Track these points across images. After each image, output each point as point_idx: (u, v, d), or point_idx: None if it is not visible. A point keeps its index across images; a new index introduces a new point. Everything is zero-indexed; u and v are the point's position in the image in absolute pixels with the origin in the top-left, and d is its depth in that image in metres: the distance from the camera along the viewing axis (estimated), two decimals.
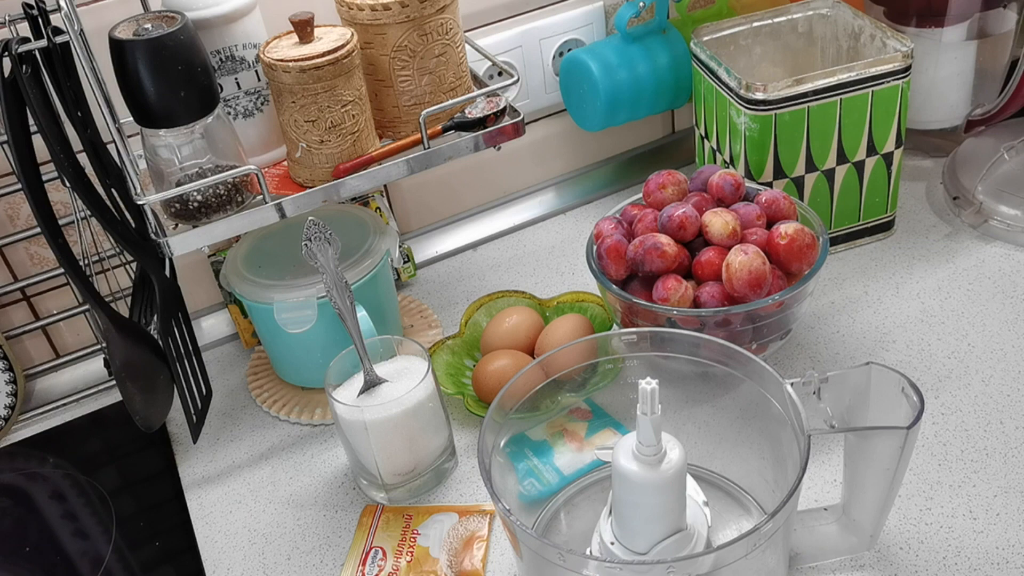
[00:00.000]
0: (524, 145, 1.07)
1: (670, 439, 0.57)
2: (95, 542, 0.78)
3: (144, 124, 0.71)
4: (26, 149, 0.70)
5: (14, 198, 0.88)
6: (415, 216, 1.07)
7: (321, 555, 0.73)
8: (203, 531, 0.77)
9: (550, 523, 0.71)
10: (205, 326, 0.99)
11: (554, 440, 0.74)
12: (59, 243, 0.73)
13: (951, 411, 0.76)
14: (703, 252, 0.78)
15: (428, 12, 0.75)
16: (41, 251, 0.91)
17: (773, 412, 0.61)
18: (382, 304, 0.86)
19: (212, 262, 0.92)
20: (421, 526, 0.73)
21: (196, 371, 0.83)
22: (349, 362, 0.75)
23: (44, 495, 0.84)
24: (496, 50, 0.98)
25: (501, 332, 0.84)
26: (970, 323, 0.84)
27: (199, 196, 0.73)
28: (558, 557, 0.55)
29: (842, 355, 0.83)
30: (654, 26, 0.98)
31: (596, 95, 0.97)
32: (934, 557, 0.65)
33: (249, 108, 0.79)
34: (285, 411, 0.87)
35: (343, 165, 0.75)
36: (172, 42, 0.67)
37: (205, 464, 0.84)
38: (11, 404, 0.91)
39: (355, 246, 0.84)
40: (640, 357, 0.69)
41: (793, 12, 0.96)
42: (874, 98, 0.86)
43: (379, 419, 0.72)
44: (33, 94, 0.68)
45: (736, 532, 0.67)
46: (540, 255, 1.03)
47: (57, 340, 0.97)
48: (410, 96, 0.78)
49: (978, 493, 0.69)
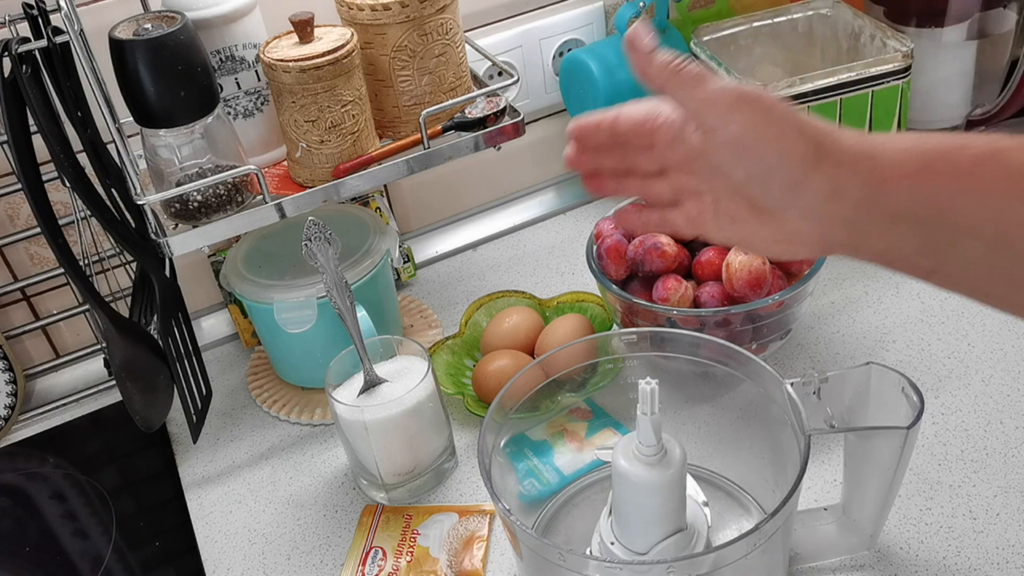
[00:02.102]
0: (524, 145, 1.07)
1: (670, 439, 0.57)
2: (95, 542, 0.78)
3: (144, 124, 0.71)
4: (26, 149, 0.70)
5: (14, 198, 0.88)
6: (415, 216, 1.07)
7: (321, 555, 0.73)
8: (203, 531, 0.77)
9: (550, 523, 0.71)
10: (205, 326, 0.99)
11: (554, 440, 0.74)
12: (59, 243, 0.73)
13: (951, 411, 0.76)
14: (703, 252, 0.78)
15: (428, 12, 0.75)
16: (41, 251, 0.91)
17: (773, 412, 0.61)
18: (382, 304, 0.86)
19: (212, 262, 0.92)
20: (421, 526, 0.73)
21: (196, 371, 0.83)
22: (349, 362, 0.75)
23: (44, 495, 0.84)
24: (496, 50, 0.98)
25: (501, 332, 0.84)
26: (970, 323, 0.84)
27: (199, 196, 0.73)
28: (558, 557, 0.55)
29: (842, 355, 0.83)
30: (654, 26, 0.98)
31: (596, 95, 0.97)
32: (934, 557, 0.65)
33: (249, 108, 0.79)
34: (285, 411, 0.87)
35: (343, 165, 0.75)
36: (172, 42, 0.67)
37: (205, 464, 0.84)
38: (11, 404, 0.91)
39: (355, 246, 0.84)
40: (640, 357, 0.69)
41: (793, 12, 0.96)
42: (874, 98, 0.86)
43: (379, 419, 0.72)
44: (33, 94, 0.68)
45: (736, 532, 0.67)
46: (540, 255, 1.03)
47: (57, 340, 0.97)
48: (410, 96, 0.78)
49: (978, 493, 0.69)
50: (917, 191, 0.43)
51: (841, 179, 0.45)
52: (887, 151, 0.44)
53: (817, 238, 0.48)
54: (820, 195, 0.45)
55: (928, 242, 0.44)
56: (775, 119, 0.46)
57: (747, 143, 0.46)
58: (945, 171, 0.42)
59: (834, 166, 0.45)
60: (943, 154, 0.43)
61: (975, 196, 0.42)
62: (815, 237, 0.48)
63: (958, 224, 0.43)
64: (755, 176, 0.47)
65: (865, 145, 0.45)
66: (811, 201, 0.46)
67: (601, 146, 0.55)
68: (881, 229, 0.45)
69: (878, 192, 0.44)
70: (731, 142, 0.47)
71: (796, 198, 0.46)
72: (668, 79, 0.47)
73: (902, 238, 0.44)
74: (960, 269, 0.44)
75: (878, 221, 0.45)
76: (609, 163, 0.55)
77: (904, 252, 0.45)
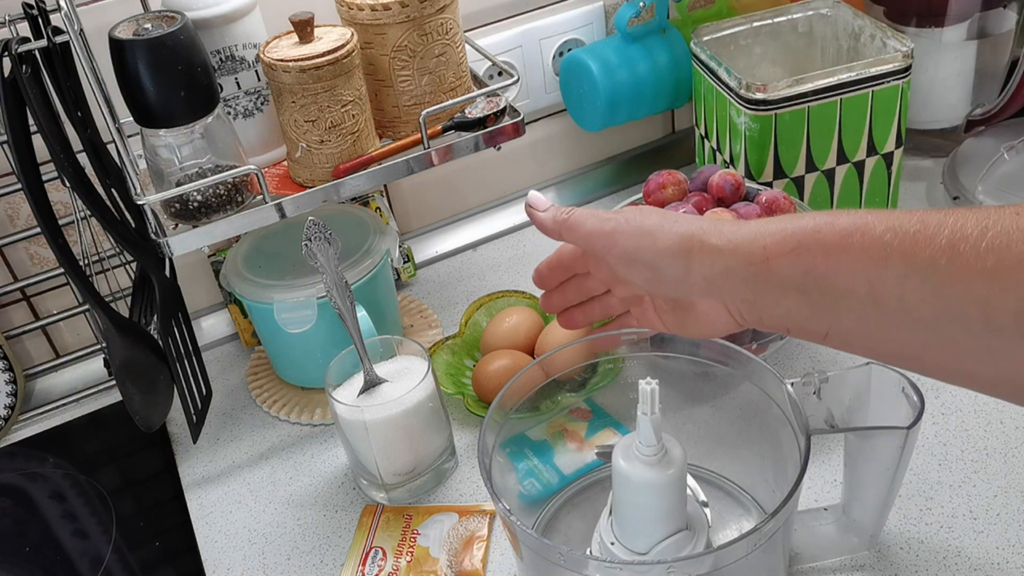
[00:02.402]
0: (524, 145, 1.07)
1: (670, 439, 0.57)
2: (95, 542, 0.78)
3: (144, 124, 0.71)
4: (26, 149, 0.70)
5: (14, 198, 0.88)
6: (415, 216, 1.07)
7: (321, 555, 0.73)
8: (203, 531, 0.77)
9: (550, 523, 0.71)
10: (205, 326, 0.99)
11: (554, 440, 0.74)
12: (59, 243, 0.73)
13: (951, 411, 0.76)
14: None
15: (428, 12, 0.75)
16: (41, 251, 0.91)
17: (773, 412, 0.61)
18: (382, 304, 0.86)
19: (212, 262, 0.92)
20: (421, 526, 0.73)
21: (196, 371, 0.83)
22: (349, 362, 0.75)
23: (44, 495, 0.84)
24: (496, 50, 0.98)
25: (501, 332, 0.84)
26: None
27: (199, 196, 0.73)
28: (558, 557, 0.55)
29: (842, 355, 0.83)
30: (654, 26, 0.98)
31: (596, 95, 0.97)
32: (934, 557, 0.65)
33: (249, 108, 0.79)
34: (285, 411, 0.87)
35: (343, 165, 0.75)
36: (172, 42, 0.67)
37: (205, 464, 0.84)
38: (11, 404, 0.91)
39: (355, 246, 0.84)
40: (640, 357, 0.69)
41: (793, 12, 0.96)
42: (874, 98, 0.86)
43: (379, 419, 0.72)
44: (33, 94, 0.68)
45: (736, 532, 0.67)
46: (540, 255, 1.01)
47: (57, 340, 0.97)
48: (410, 96, 0.78)
49: (978, 493, 0.69)
50: (797, 265, 0.50)
51: (726, 262, 0.53)
52: (765, 233, 0.52)
53: (726, 315, 0.56)
54: (712, 278, 0.54)
55: (815, 308, 0.50)
56: (647, 232, 0.56)
57: (630, 257, 0.57)
58: (817, 246, 0.49)
59: (713, 254, 0.53)
60: (814, 231, 0.49)
61: (847, 265, 0.48)
62: (724, 315, 0.56)
63: (836, 289, 0.49)
64: (650, 279, 0.57)
65: (743, 232, 0.53)
66: (705, 286, 0.54)
67: (561, 285, 0.67)
68: (775, 300, 0.52)
69: (764, 269, 0.51)
70: (619, 260, 0.57)
71: (690, 286, 0.55)
72: (559, 228, 0.60)
73: (794, 306, 0.51)
74: (847, 330, 0.50)
75: (771, 294, 0.52)
76: (572, 297, 0.67)
77: (799, 319, 0.52)
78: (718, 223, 0.54)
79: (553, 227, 0.61)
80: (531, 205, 0.62)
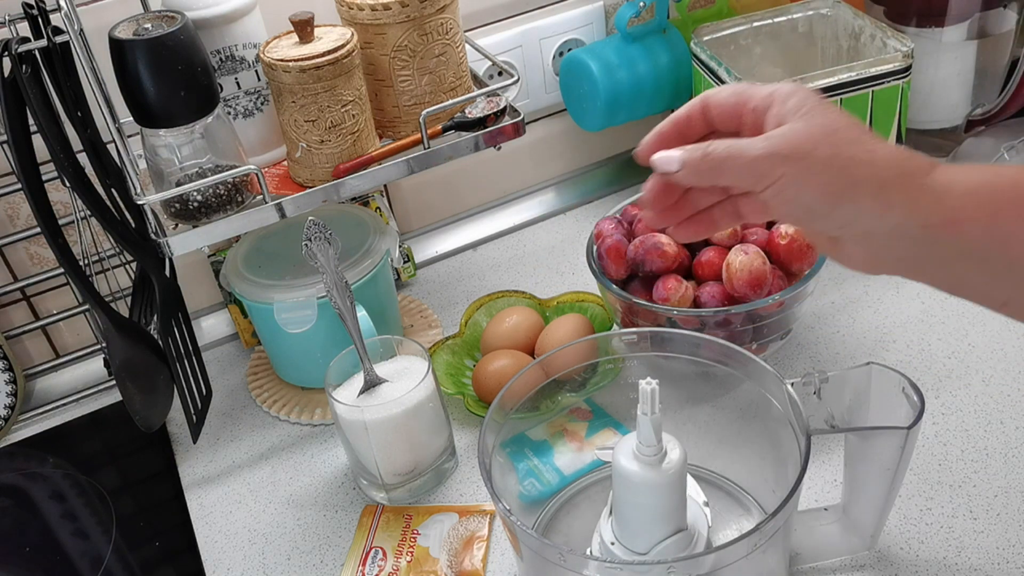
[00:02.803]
0: (524, 145, 1.07)
1: (670, 439, 0.57)
2: (95, 542, 0.78)
3: (144, 124, 0.71)
4: (26, 149, 0.70)
5: (14, 198, 0.88)
6: (415, 216, 1.07)
7: (321, 555, 0.73)
8: (203, 531, 0.77)
9: (550, 523, 0.71)
10: (205, 326, 0.99)
11: (554, 440, 0.74)
12: (59, 243, 0.73)
13: (951, 411, 0.76)
14: (703, 252, 0.78)
15: (428, 12, 0.75)
16: (41, 251, 0.91)
17: (773, 412, 0.61)
18: (382, 304, 0.86)
19: (212, 262, 0.92)
20: (421, 526, 0.73)
21: (196, 371, 0.83)
22: (349, 362, 0.75)
23: (44, 495, 0.84)
24: (496, 50, 0.98)
25: (501, 332, 0.84)
26: (970, 323, 0.84)
27: (199, 196, 0.73)
28: (558, 557, 0.55)
29: (842, 355, 0.83)
30: (654, 26, 0.98)
31: (596, 95, 0.97)
32: (934, 557, 0.65)
33: (249, 108, 0.79)
34: (285, 411, 0.87)
35: (343, 165, 0.75)
36: (172, 42, 0.67)
37: (205, 464, 0.84)
38: (11, 404, 0.91)
39: (355, 246, 0.84)
40: (640, 357, 0.69)
41: (793, 12, 0.96)
42: (874, 98, 0.86)
43: (379, 419, 0.72)
44: (33, 94, 0.68)
45: (736, 532, 0.67)
46: (540, 255, 1.03)
47: (57, 340, 0.97)
48: (410, 96, 0.78)
49: (978, 493, 0.69)
50: (992, 232, 0.43)
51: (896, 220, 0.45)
52: (954, 191, 0.44)
53: (870, 266, 0.49)
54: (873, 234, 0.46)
55: (996, 276, 0.44)
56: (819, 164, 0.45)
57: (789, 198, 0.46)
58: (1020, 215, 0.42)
59: (885, 207, 0.44)
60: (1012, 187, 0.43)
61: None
62: (868, 264, 0.49)
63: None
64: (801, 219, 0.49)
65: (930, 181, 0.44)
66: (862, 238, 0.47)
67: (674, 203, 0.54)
68: (943, 265, 0.45)
69: (943, 233, 0.44)
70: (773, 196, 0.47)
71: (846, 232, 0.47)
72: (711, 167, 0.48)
73: (969, 272, 0.45)
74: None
75: (940, 259, 0.45)
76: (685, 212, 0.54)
77: (973, 284, 0.46)
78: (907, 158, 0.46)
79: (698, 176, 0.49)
80: (661, 171, 0.50)
